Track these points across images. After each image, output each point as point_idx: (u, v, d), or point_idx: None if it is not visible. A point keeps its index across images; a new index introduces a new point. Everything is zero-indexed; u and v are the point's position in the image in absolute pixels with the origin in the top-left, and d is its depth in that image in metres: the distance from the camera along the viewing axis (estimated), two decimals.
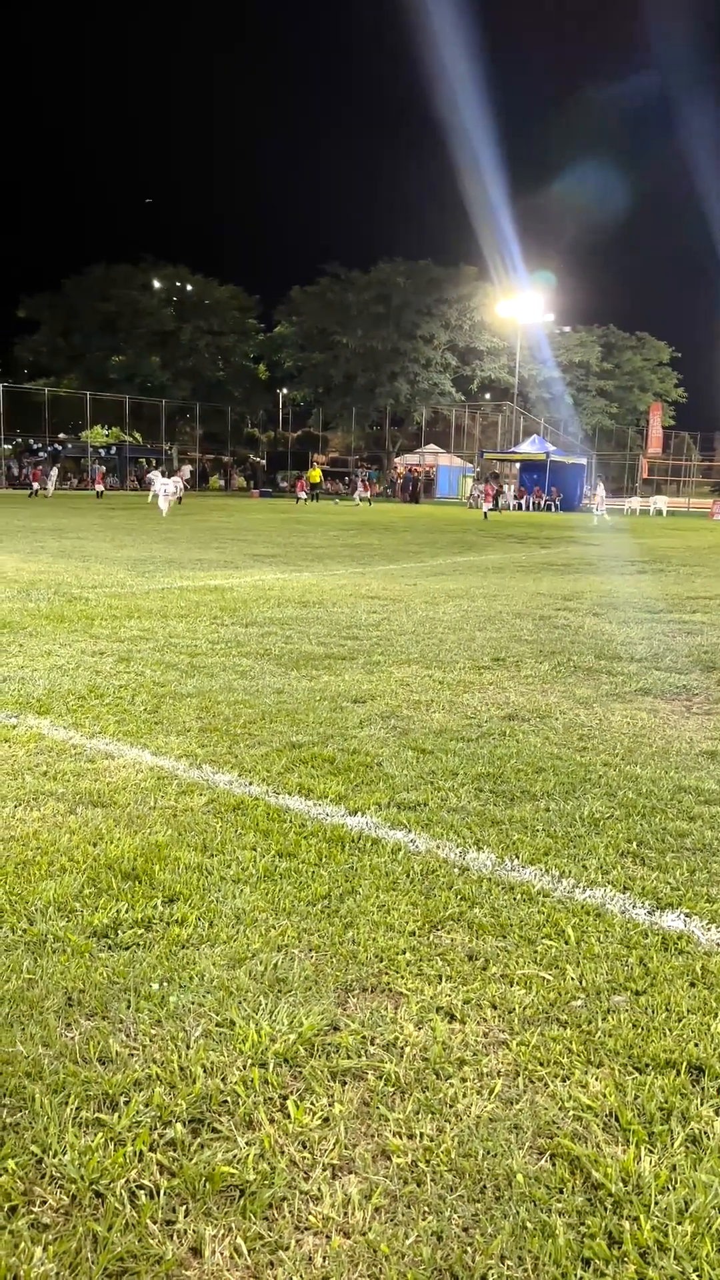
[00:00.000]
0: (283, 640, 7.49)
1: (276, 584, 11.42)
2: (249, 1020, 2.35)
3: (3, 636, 7.23)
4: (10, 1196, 1.80)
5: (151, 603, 9.41)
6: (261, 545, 17.81)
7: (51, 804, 3.79)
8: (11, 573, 11.72)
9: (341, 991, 2.51)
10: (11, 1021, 2.32)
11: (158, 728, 4.92)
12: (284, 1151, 1.94)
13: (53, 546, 15.94)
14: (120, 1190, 1.82)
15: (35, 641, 7.08)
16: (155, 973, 2.56)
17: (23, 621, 7.95)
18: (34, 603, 9.12)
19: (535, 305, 60.57)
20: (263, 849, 3.40)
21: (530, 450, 52.74)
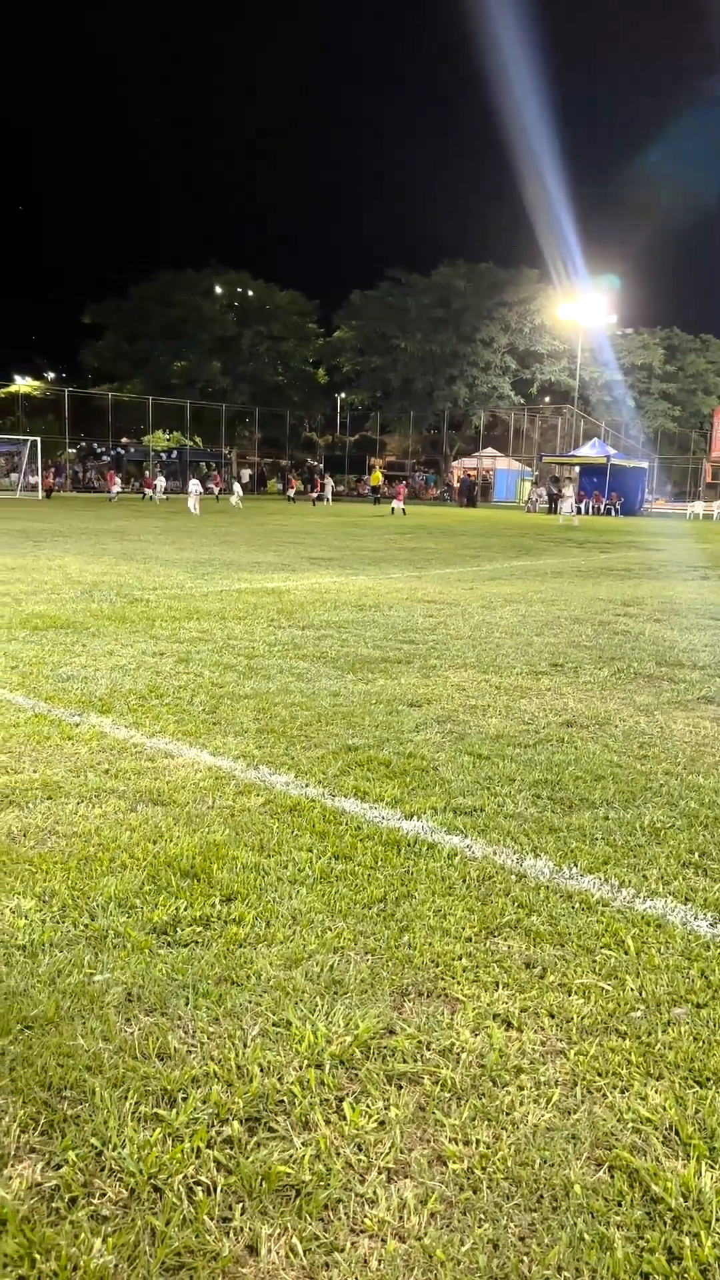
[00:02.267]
0: (339, 643, 7.51)
1: (333, 587, 11.46)
2: (305, 1021, 2.36)
3: (67, 636, 7.37)
4: (71, 1187, 1.83)
5: (210, 605, 9.51)
6: (318, 548, 17.89)
7: (113, 801, 3.85)
8: (75, 574, 11.93)
9: (397, 995, 2.51)
10: (73, 1015, 2.36)
11: (216, 728, 4.96)
12: (340, 1153, 1.95)
13: (115, 548, 16.19)
14: (178, 1185, 1.84)
15: (98, 642, 7.20)
16: (213, 971, 2.58)
17: (86, 622, 8.09)
18: (97, 603, 9.28)
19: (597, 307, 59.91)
20: (319, 850, 3.42)
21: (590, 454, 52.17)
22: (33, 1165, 1.89)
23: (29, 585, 10.63)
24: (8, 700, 5.34)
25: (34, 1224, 1.75)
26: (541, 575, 14.07)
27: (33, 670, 6.12)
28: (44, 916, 2.87)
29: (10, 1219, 1.75)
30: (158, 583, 11.28)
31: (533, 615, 9.60)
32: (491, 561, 16.34)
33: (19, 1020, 2.33)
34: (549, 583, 12.98)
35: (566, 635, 8.38)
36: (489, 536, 24.19)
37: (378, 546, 18.95)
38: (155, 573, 12.43)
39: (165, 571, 12.63)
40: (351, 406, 74.62)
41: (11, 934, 2.76)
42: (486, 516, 38.30)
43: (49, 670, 6.14)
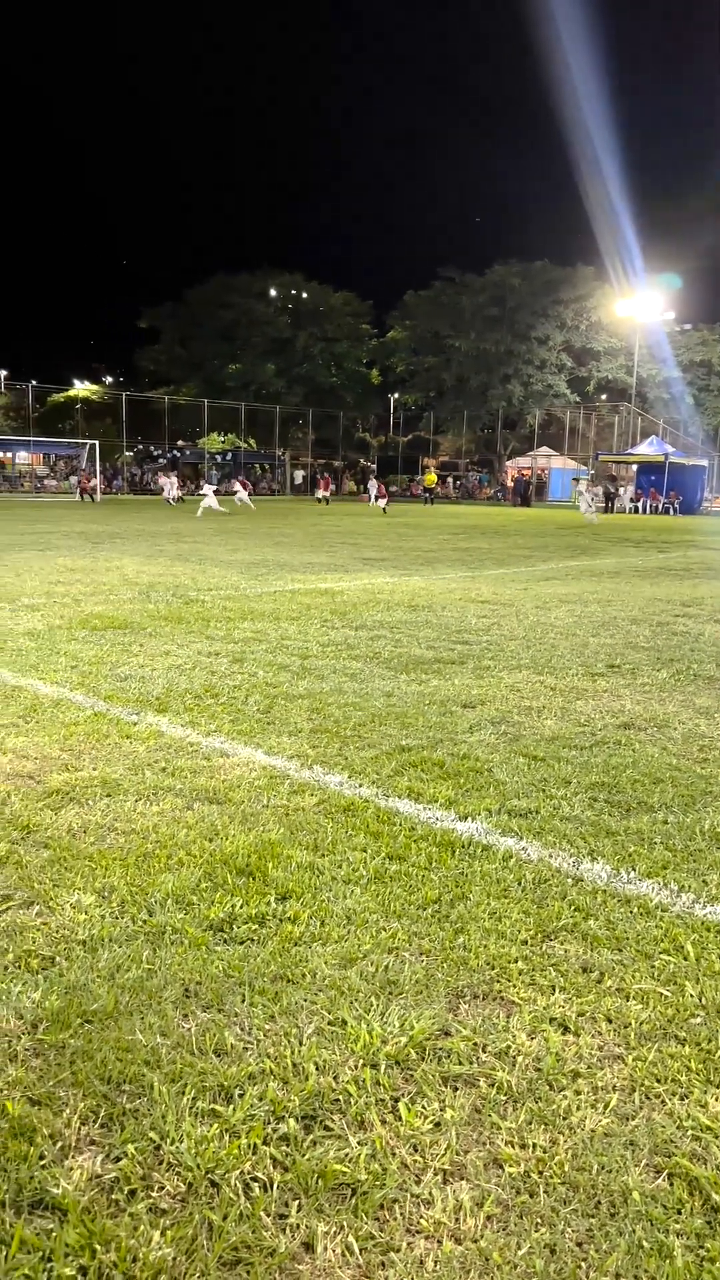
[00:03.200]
0: (392, 644, 7.51)
1: (386, 587, 11.46)
2: (360, 1020, 2.37)
3: (125, 637, 7.47)
4: (130, 1180, 1.86)
5: (264, 605, 9.57)
6: (371, 549, 17.91)
7: (170, 799, 3.89)
8: (133, 575, 12.10)
9: (453, 997, 2.50)
10: (131, 1010, 2.39)
11: (270, 728, 5.00)
12: (395, 1153, 1.95)
13: (171, 550, 16.39)
14: (235, 1181, 1.86)
15: (154, 642, 7.29)
16: (269, 968, 2.60)
17: (143, 622, 8.20)
18: (153, 604, 9.40)
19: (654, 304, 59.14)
20: (373, 851, 3.42)
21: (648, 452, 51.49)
22: (93, 1157, 1.92)
23: (88, 586, 10.80)
24: (68, 699, 5.44)
25: (94, 1215, 1.78)
26: (598, 575, 13.92)
27: (92, 670, 6.22)
28: (103, 912, 2.91)
29: (71, 1209, 1.78)
30: (213, 584, 11.39)
31: (589, 616, 9.50)
32: (546, 561, 16.21)
33: (79, 1014, 2.37)
34: (605, 583, 12.84)
35: (623, 636, 8.28)
36: (544, 536, 24.00)
37: (430, 547, 18.92)
38: (210, 574, 12.55)
39: (220, 573, 12.74)
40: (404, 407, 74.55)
41: (72, 929, 2.80)
42: (541, 516, 37.99)
43: (107, 670, 6.24)
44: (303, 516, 32.04)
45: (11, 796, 3.85)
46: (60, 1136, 1.97)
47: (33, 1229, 1.74)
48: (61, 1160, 1.91)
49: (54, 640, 7.24)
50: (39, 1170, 1.88)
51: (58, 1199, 1.80)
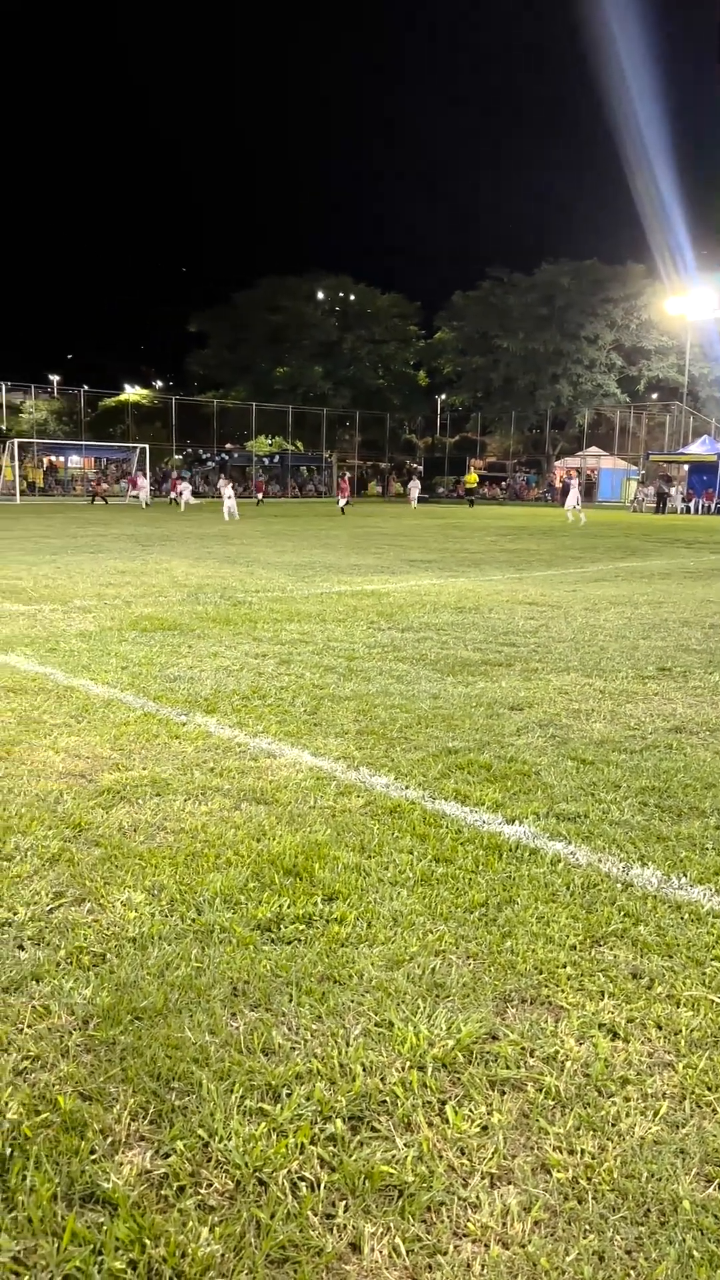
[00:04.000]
0: (438, 645, 7.49)
1: (432, 589, 11.44)
2: (407, 1022, 2.37)
3: (174, 638, 7.55)
4: (179, 1176, 1.88)
5: (310, 607, 9.61)
6: (417, 551, 17.88)
7: (218, 799, 3.93)
8: (182, 577, 12.22)
9: (500, 1001, 2.49)
10: (181, 1008, 2.42)
11: (317, 729, 5.01)
12: (442, 1156, 1.94)
13: (219, 552, 16.52)
14: (282, 1180, 1.87)
15: (203, 643, 7.36)
16: (316, 969, 2.61)
17: (191, 624, 8.28)
18: (202, 606, 9.48)
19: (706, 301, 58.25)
20: (419, 853, 3.42)
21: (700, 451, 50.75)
22: (143, 1153, 1.94)
23: (138, 588, 10.94)
24: (119, 699, 5.51)
25: (144, 1210, 1.80)
26: (648, 577, 13.75)
27: (142, 670, 6.29)
28: (153, 910, 2.95)
29: (121, 1203, 1.80)
30: (260, 585, 11.46)
31: (639, 618, 9.39)
32: (595, 563, 16.05)
33: (129, 1011, 2.40)
34: (656, 584, 12.68)
35: (674, 638, 8.18)
36: (593, 537, 23.78)
37: (478, 548, 18.84)
38: (257, 576, 12.63)
39: (267, 574, 12.82)
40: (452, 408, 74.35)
41: (123, 926, 2.84)
42: (590, 517, 37.65)
43: (157, 670, 6.31)
44: (349, 518, 32.10)
45: (64, 795, 3.91)
46: (111, 1132, 2.00)
47: (84, 1222, 1.77)
48: (112, 1155, 1.93)
49: (105, 641, 7.34)
50: (90, 1164, 1.90)
51: (108, 1193, 1.83)
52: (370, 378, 68.35)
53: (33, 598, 9.94)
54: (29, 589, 10.68)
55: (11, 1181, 1.85)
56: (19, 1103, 2.07)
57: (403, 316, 69.67)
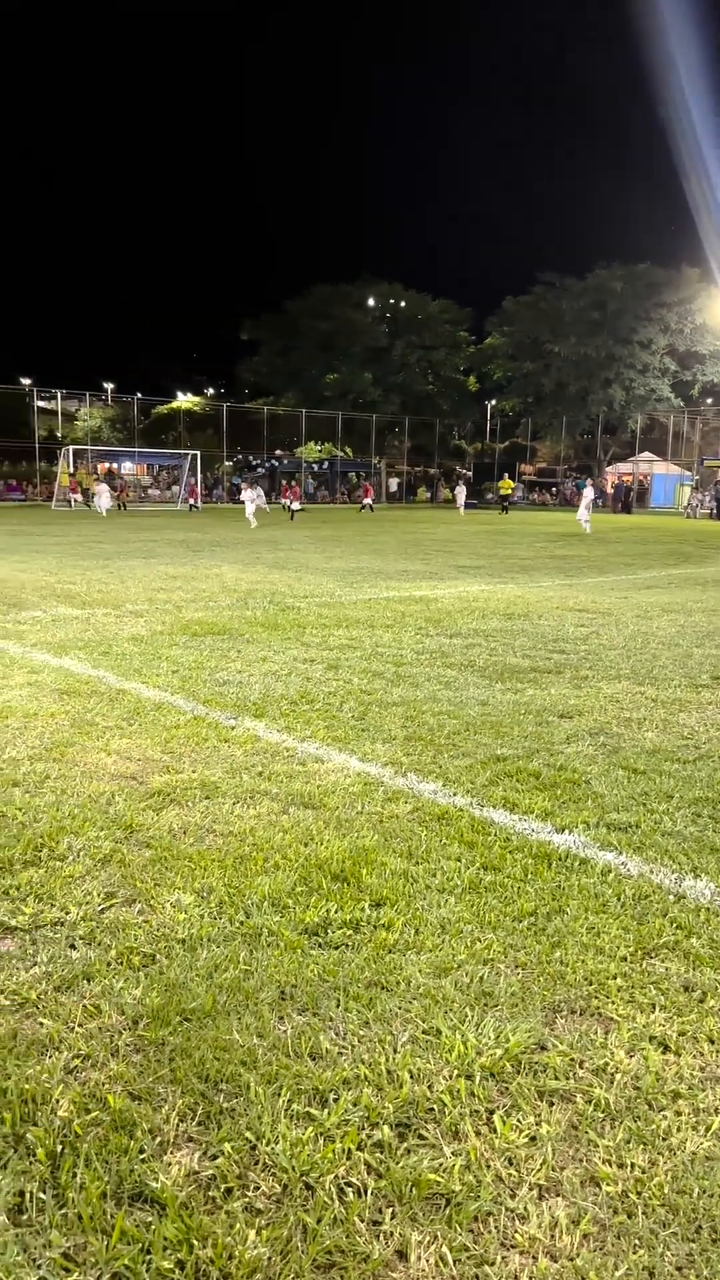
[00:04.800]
0: (487, 652, 7.46)
1: (481, 595, 11.39)
2: (455, 1031, 2.36)
3: (223, 643, 7.61)
4: (227, 1178, 1.89)
5: (359, 613, 9.62)
6: (466, 557, 17.82)
7: (266, 803, 3.95)
8: (231, 582, 12.32)
9: (549, 1011, 2.47)
10: (229, 1010, 2.43)
11: (364, 734, 5.02)
12: (490, 1166, 1.93)
13: (268, 557, 16.62)
14: (329, 1185, 1.87)
15: (252, 648, 7.41)
16: (363, 974, 2.61)
17: (241, 629, 8.34)
18: (251, 611, 9.55)
19: None
20: (467, 860, 3.40)
21: None
22: (190, 1154, 1.96)
23: (189, 593, 11.04)
24: (169, 703, 5.56)
25: (192, 1210, 1.81)
26: (702, 584, 13.55)
27: (192, 674, 6.35)
28: (202, 912, 2.97)
29: (170, 1203, 1.82)
30: (308, 591, 11.51)
31: (692, 625, 9.26)
32: (648, 569, 15.86)
33: (178, 1012, 2.42)
34: (710, 591, 12.49)
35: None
36: (645, 544, 23.49)
37: (527, 555, 18.72)
38: (306, 581, 12.68)
39: (315, 580, 12.86)
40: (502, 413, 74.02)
41: (172, 927, 2.87)
42: (643, 523, 37.21)
43: (207, 675, 6.36)
44: (398, 524, 32.11)
45: (116, 796, 3.96)
46: (159, 1132, 2.01)
47: (132, 1221, 1.79)
48: (160, 1155, 1.95)
49: (156, 645, 7.42)
50: (139, 1164, 1.92)
51: (156, 1193, 1.84)
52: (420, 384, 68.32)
53: (86, 602, 10.08)
54: (83, 593, 10.84)
55: (62, 1178, 1.88)
56: (70, 1101, 2.10)
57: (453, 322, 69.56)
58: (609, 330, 62.00)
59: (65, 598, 10.45)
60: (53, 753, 4.54)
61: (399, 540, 23.00)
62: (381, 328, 67.19)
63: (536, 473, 70.64)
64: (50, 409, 60.56)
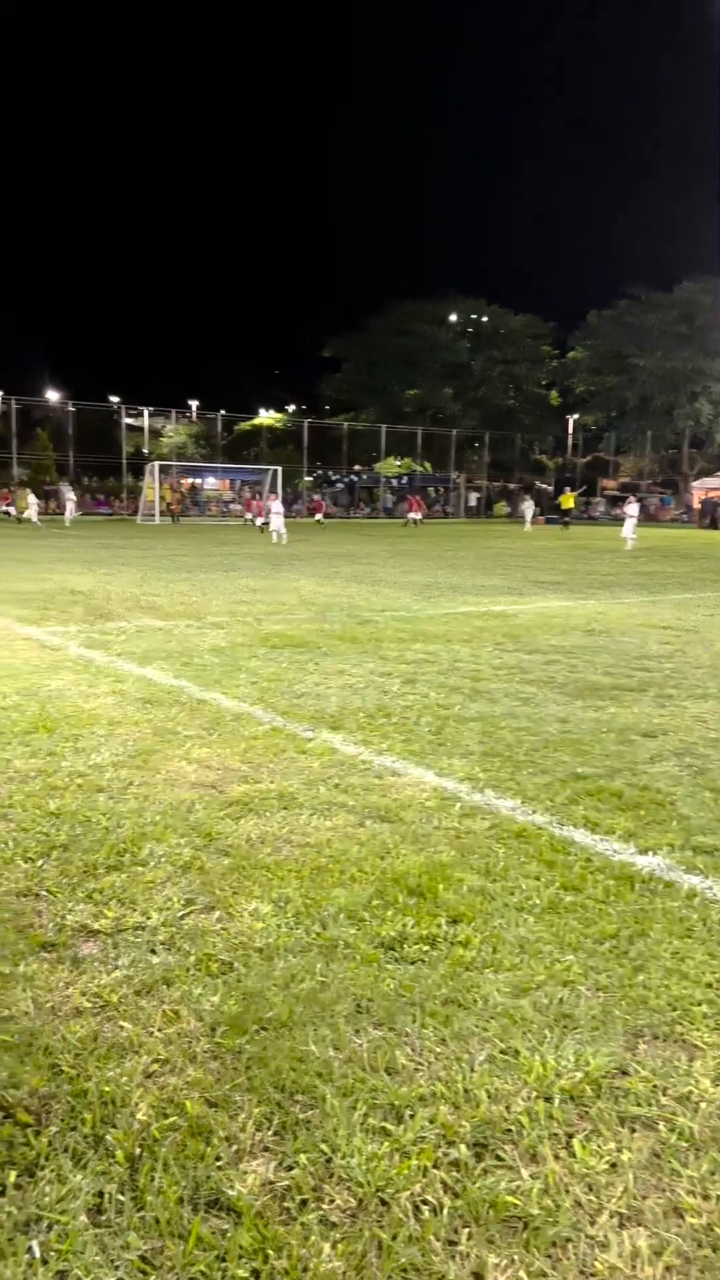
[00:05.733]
0: (567, 669, 7.36)
1: (561, 611, 11.25)
2: (534, 1052, 2.32)
3: (301, 655, 7.67)
4: (302, 1189, 1.89)
5: (436, 627, 9.59)
6: (546, 572, 17.64)
7: (343, 815, 3.95)
8: (310, 595, 12.41)
9: (631, 1036, 2.41)
10: (305, 1021, 2.43)
11: (441, 749, 4.99)
12: (569, 1191, 1.89)
13: (346, 571, 16.71)
14: (405, 1202, 1.85)
15: (329, 661, 7.44)
16: (440, 991, 2.59)
17: (319, 642, 8.39)
18: (329, 624, 9.60)
19: None
20: (546, 879, 3.35)
21: None
22: (266, 1163, 1.96)
23: (268, 606, 11.16)
24: (248, 713, 5.62)
25: (267, 1220, 1.81)
26: None
27: (270, 686, 6.41)
28: (279, 922, 2.98)
29: (245, 1212, 1.82)
30: (385, 605, 11.52)
31: None
32: None
33: (255, 1021, 2.43)
34: None
35: None
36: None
37: (608, 570, 18.45)
38: (383, 595, 12.70)
39: (393, 594, 12.88)
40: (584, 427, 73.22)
41: (250, 936, 2.89)
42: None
43: (285, 686, 6.41)
44: (476, 539, 31.97)
45: (196, 805, 4.01)
46: (236, 1140, 2.02)
47: (209, 1227, 1.80)
48: (236, 1163, 1.96)
49: (236, 657, 7.51)
50: (215, 1170, 1.93)
51: (233, 1200, 1.85)
52: (501, 398, 68.07)
53: (169, 614, 10.27)
54: (166, 605, 11.05)
55: (141, 1181, 1.90)
56: (148, 1104, 2.12)
57: (535, 337, 69.22)
58: (697, 344, 60.91)
59: (149, 609, 10.66)
60: (136, 760, 4.63)
61: (477, 555, 22.89)
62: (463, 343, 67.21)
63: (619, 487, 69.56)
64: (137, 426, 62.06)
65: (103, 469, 57.73)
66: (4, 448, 52.82)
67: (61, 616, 9.84)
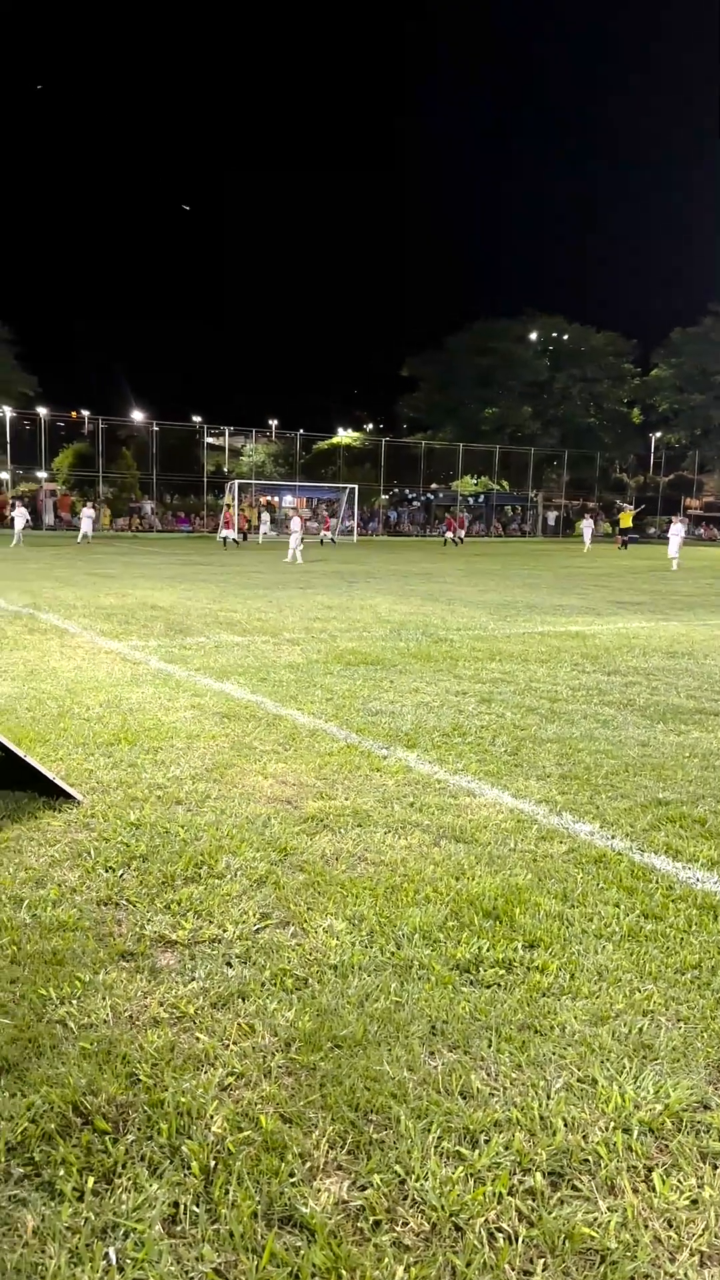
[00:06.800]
0: (648, 691, 7.22)
1: (641, 632, 11.06)
2: (612, 1081, 2.27)
3: (376, 672, 7.68)
4: (375, 1210, 1.88)
5: (512, 646, 9.52)
6: (626, 592, 17.37)
7: (417, 834, 3.94)
8: (385, 613, 12.44)
9: (713, 1069, 2.34)
10: (379, 1040, 2.43)
11: (517, 770, 4.94)
12: (648, 1226, 1.84)
13: (421, 590, 16.70)
14: (479, 1228, 1.83)
15: (404, 679, 7.44)
16: (516, 1016, 2.55)
17: (394, 660, 8.39)
18: (404, 642, 9.60)
19: None
20: (626, 906, 3.28)
21: None
22: (340, 1182, 1.96)
23: (343, 623, 11.22)
24: (323, 730, 5.65)
25: (340, 1240, 1.81)
26: None
27: (345, 703, 6.43)
28: (354, 939, 2.98)
29: (319, 1230, 1.82)
30: (461, 623, 11.48)
31: None
32: None
33: (329, 1039, 2.43)
34: None
35: None
36: None
37: (692, 591, 18.07)
38: (459, 613, 12.66)
39: (468, 612, 12.82)
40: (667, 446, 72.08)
41: (324, 953, 2.89)
42: None
43: (359, 704, 6.43)
44: (553, 558, 31.66)
45: (272, 819, 4.05)
46: (309, 1156, 2.02)
47: (282, 1244, 1.80)
48: (310, 1180, 1.96)
49: (311, 673, 7.56)
50: (289, 1186, 1.94)
51: (306, 1218, 1.85)
52: (581, 416, 67.46)
53: (246, 629, 10.40)
54: (243, 621, 11.19)
55: (215, 1194, 1.91)
56: (223, 1117, 2.14)
57: (618, 354, 68.51)
58: None
59: (227, 625, 10.81)
60: (213, 773, 4.69)
61: (554, 574, 22.67)
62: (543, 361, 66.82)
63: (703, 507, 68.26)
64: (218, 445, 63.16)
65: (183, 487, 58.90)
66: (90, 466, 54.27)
67: (142, 631, 10.04)
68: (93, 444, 56.39)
